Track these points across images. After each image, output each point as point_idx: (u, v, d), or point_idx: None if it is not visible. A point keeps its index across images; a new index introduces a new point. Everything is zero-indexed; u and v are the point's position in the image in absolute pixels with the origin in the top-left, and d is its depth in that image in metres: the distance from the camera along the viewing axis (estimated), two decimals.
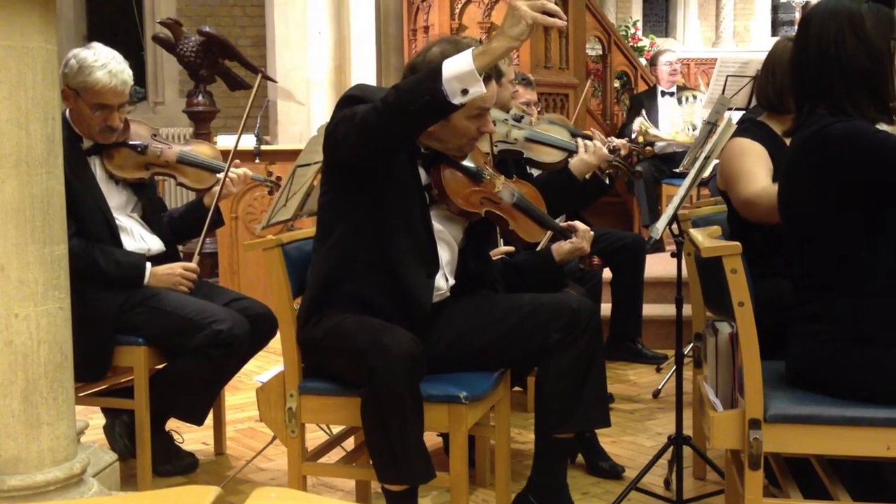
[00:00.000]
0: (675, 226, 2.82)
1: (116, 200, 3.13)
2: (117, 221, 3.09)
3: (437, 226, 2.52)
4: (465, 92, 2.12)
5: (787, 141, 2.47)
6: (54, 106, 2.20)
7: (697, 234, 2.32)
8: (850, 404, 2.12)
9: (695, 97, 6.49)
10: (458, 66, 2.11)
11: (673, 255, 2.78)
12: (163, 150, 3.20)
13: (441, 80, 2.11)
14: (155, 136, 3.25)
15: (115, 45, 3.25)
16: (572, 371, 2.45)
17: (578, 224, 2.76)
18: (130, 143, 3.14)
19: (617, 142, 3.73)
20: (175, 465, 3.17)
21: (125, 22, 7.54)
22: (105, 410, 3.28)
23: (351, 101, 2.34)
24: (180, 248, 3.37)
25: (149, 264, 3.09)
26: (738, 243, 2.11)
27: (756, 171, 2.77)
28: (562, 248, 2.74)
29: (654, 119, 6.74)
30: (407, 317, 2.40)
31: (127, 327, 2.98)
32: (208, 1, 8.84)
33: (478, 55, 2.12)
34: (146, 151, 3.15)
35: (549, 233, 2.81)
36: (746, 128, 2.98)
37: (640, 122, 5.91)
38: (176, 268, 3.11)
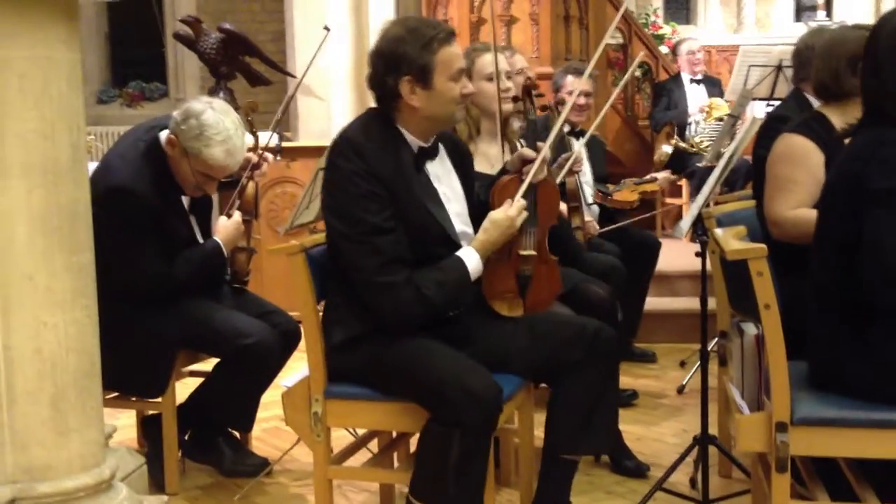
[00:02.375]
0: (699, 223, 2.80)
1: (185, 203, 3.14)
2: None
3: (461, 229, 2.52)
4: None
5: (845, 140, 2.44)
6: (79, 115, 2.22)
7: (722, 235, 2.31)
8: (876, 406, 2.11)
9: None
10: (475, 268, 2.43)
11: (697, 254, 2.76)
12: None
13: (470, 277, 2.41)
14: None
15: (135, 42, 3.24)
16: (587, 393, 2.44)
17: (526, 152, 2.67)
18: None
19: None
20: (245, 465, 3.18)
21: (145, 18, 7.55)
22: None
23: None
24: None
25: (218, 239, 3.09)
26: (763, 246, 2.09)
27: (796, 190, 2.71)
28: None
29: (682, 105, 6.70)
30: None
31: None
32: None
33: (481, 250, 2.44)
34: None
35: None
36: (807, 123, 2.90)
37: (663, 152, 5.97)
38: (234, 224, 3.12)
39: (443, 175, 2.55)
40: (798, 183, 2.79)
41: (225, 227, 3.12)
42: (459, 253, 2.41)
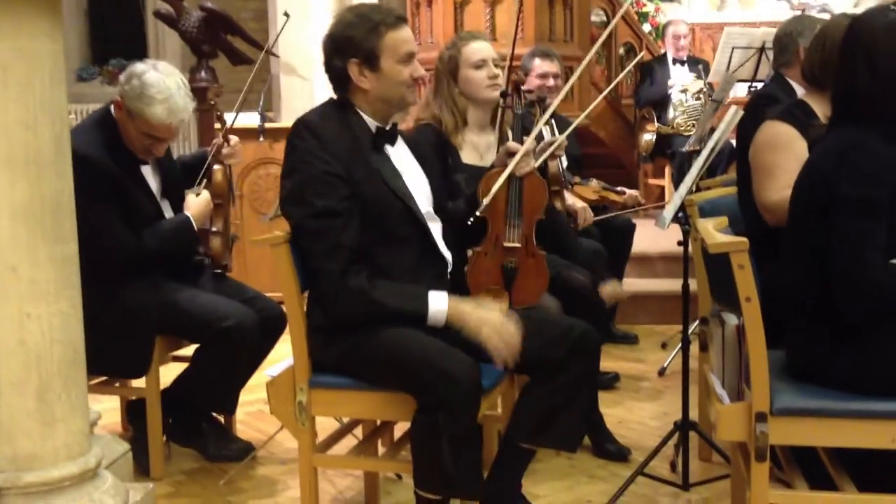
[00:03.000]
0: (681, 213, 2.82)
1: (157, 189, 3.15)
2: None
3: (426, 209, 2.54)
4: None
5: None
6: (62, 107, 2.20)
7: (704, 227, 2.33)
8: (854, 397, 2.15)
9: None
10: (435, 312, 2.37)
11: (679, 243, 2.79)
12: None
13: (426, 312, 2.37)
14: None
15: (115, 20, 3.23)
16: (562, 392, 2.46)
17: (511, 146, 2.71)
18: None
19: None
20: (229, 450, 3.19)
21: None
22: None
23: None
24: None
25: (188, 213, 3.10)
26: (745, 240, 2.11)
27: (784, 177, 2.74)
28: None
29: (665, 85, 6.71)
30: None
31: None
32: None
33: (453, 317, 2.37)
34: None
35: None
36: (789, 110, 2.92)
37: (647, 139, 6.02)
38: (204, 200, 3.13)
39: (405, 160, 2.57)
40: (783, 168, 2.81)
41: (195, 202, 3.12)
42: (431, 293, 2.40)
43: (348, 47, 2.43)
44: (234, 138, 3.26)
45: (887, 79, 2.22)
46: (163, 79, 2.93)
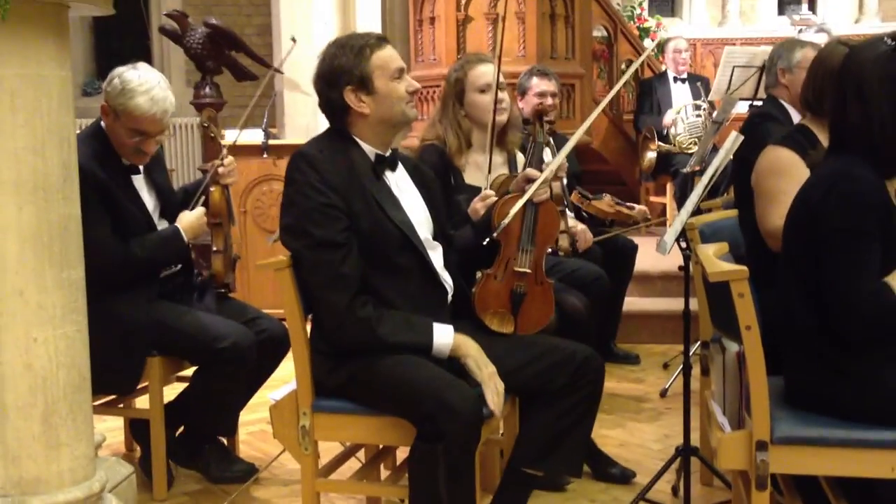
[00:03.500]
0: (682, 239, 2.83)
1: (151, 205, 3.17)
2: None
3: (424, 236, 2.55)
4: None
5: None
6: (70, 132, 2.23)
7: (705, 254, 2.34)
8: (853, 426, 2.16)
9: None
10: (440, 350, 2.40)
11: (680, 268, 2.80)
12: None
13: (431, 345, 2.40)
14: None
15: (120, 35, 3.26)
16: (566, 417, 2.47)
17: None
18: None
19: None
20: (232, 471, 3.20)
21: (131, 11, 7.51)
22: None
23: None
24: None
25: (179, 227, 3.11)
26: (745, 268, 2.13)
27: (787, 201, 2.76)
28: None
29: (665, 104, 6.73)
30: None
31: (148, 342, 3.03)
32: None
33: (457, 353, 2.40)
34: None
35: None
36: (791, 136, 2.95)
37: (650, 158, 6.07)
38: (196, 214, 3.15)
39: (404, 187, 2.58)
40: (787, 193, 2.81)
41: (187, 216, 3.14)
42: (437, 325, 2.42)
43: (340, 77, 2.45)
44: (229, 158, 3.27)
45: (874, 110, 2.23)
46: (142, 74, 2.99)
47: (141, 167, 3.13)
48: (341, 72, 2.45)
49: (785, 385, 2.34)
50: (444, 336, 2.40)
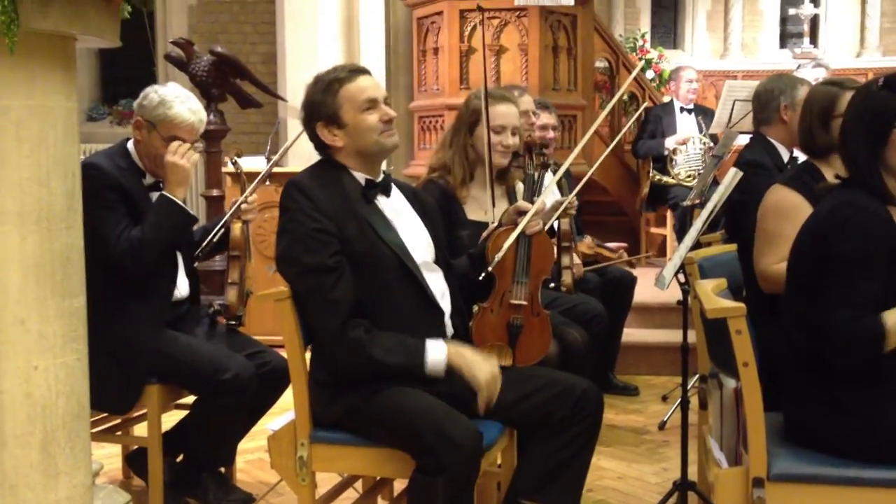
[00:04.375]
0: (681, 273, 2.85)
1: None
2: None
3: (422, 259, 2.56)
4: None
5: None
6: (74, 163, 2.25)
7: (703, 290, 2.35)
8: (850, 464, 2.16)
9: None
10: (435, 368, 2.41)
11: (679, 302, 2.81)
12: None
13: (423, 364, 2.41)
14: None
15: (126, 61, 3.32)
16: (565, 450, 2.49)
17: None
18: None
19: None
20: (229, 500, 3.19)
21: (137, 38, 7.59)
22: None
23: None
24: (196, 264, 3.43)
25: (161, 192, 3.09)
26: (742, 305, 2.14)
27: (784, 245, 2.77)
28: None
29: (669, 133, 6.73)
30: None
31: (149, 370, 3.04)
32: (220, 18, 8.90)
33: (452, 363, 2.41)
34: None
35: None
36: (798, 175, 2.95)
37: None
38: (179, 162, 3.07)
39: (401, 210, 2.61)
40: (785, 237, 2.83)
41: (170, 164, 3.05)
42: (429, 342, 2.43)
43: (312, 112, 2.53)
44: (253, 196, 3.33)
45: (852, 146, 2.30)
46: (176, 87, 3.15)
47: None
48: (313, 108, 2.53)
49: (784, 421, 2.34)
50: (436, 352, 2.41)
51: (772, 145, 3.43)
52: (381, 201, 2.57)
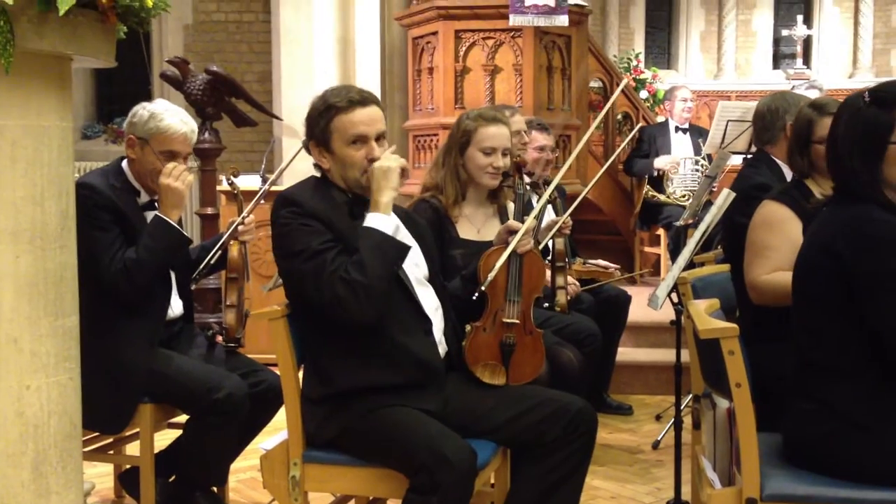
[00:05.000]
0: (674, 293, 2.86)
1: None
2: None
3: (411, 275, 2.57)
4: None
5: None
6: (69, 183, 2.25)
7: (696, 310, 2.36)
8: (845, 484, 2.16)
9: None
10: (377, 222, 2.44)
11: (672, 322, 2.82)
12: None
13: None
14: None
15: (122, 79, 3.35)
16: (558, 469, 2.49)
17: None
18: None
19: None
20: None
21: (133, 57, 7.60)
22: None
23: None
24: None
25: (155, 213, 3.08)
26: (735, 326, 2.15)
27: (772, 256, 2.79)
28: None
29: (664, 153, 6.75)
30: (427, 382, 2.47)
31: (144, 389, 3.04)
32: (215, 37, 8.93)
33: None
34: None
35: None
36: (787, 191, 2.99)
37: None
38: (175, 185, 3.07)
39: (394, 226, 2.60)
40: (774, 249, 2.86)
41: (164, 186, 3.05)
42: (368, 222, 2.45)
43: (308, 128, 2.57)
44: (250, 217, 3.33)
45: (847, 163, 2.29)
46: (164, 102, 3.18)
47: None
48: (310, 125, 2.57)
49: (783, 441, 2.34)
50: (376, 220, 2.44)
51: (776, 164, 3.41)
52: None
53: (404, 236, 2.52)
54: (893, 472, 2.14)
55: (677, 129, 6.85)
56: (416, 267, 2.59)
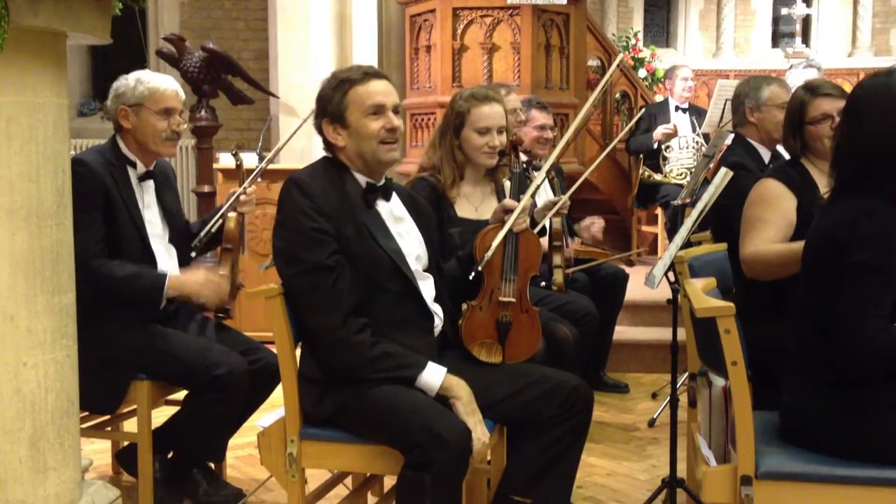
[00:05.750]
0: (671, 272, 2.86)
1: (158, 228, 3.20)
2: (155, 255, 3.15)
3: (416, 267, 2.57)
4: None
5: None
6: (64, 159, 2.25)
7: (693, 289, 2.36)
8: (840, 463, 2.17)
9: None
10: (428, 381, 2.39)
11: (669, 301, 2.82)
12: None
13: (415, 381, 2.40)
14: None
15: (117, 57, 3.37)
16: (555, 446, 2.50)
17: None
18: None
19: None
20: (219, 496, 3.18)
21: (129, 34, 7.55)
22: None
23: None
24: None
25: (168, 278, 3.06)
26: (731, 304, 2.15)
27: (765, 229, 2.80)
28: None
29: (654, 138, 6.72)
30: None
31: (141, 367, 3.04)
32: (212, 14, 8.89)
33: (447, 389, 2.38)
34: None
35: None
36: (783, 169, 3.03)
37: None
38: (204, 278, 3.08)
39: (399, 216, 2.62)
40: (767, 222, 2.89)
41: (187, 276, 3.09)
42: (431, 363, 2.41)
43: (320, 108, 2.54)
44: (251, 188, 3.32)
45: (884, 142, 2.23)
46: (145, 70, 3.22)
47: (153, 189, 3.19)
48: (322, 103, 2.54)
49: (781, 419, 2.35)
50: (433, 374, 2.40)
51: (751, 146, 3.50)
52: (381, 206, 2.57)
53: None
54: (885, 450, 2.16)
55: (677, 108, 6.83)
56: (417, 260, 2.59)
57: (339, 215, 2.45)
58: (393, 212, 2.60)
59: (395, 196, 2.62)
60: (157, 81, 3.13)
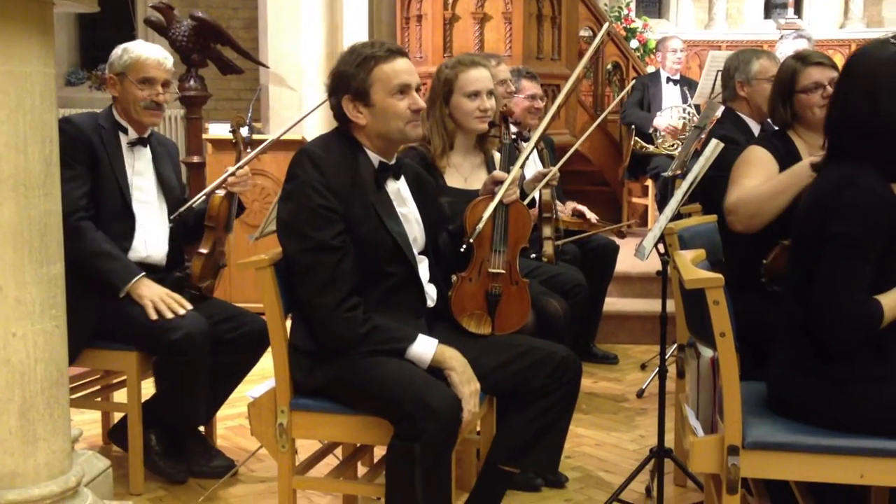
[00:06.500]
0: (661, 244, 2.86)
1: (151, 196, 3.21)
2: (137, 218, 3.14)
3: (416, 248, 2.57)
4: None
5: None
6: (52, 129, 2.23)
7: (682, 260, 2.37)
8: (826, 433, 2.19)
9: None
10: (419, 352, 2.39)
11: (659, 273, 2.83)
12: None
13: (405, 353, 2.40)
14: None
15: (106, 26, 3.36)
16: (544, 416, 2.51)
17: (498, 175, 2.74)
18: None
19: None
20: (210, 466, 3.21)
21: (116, 2, 7.48)
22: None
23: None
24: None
25: (142, 277, 3.04)
26: (720, 276, 2.15)
27: (746, 180, 2.83)
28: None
29: (655, 104, 6.72)
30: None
31: (104, 332, 3.04)
32: None
33: (441, 361, 2.38)
34: None
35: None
36: (768, 138, 3.08)
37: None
38: (159, 292, 3.04)
39: (405, 197, 2.61)
40: (747, 177, 2.94)
41: (150, 286, 3.04)
42: (421, 335, 2.42)
43: (340, 84, 2.47)
44: (244, 169, 3.29)
45: (886, 114, 2.22)
46: (135, 41, 3.30)
47: (148, 158, 3.22)
48: (343, 79, 2.47)
49: (768, 389, 2.37)
50: (424, 346, 2.40)
51: (741, 119, 3.51)
52: (390, 186, 2.55)
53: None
54: (867, 421, 2.18)
55: (668, 79, 6.81)
56: (414, 243, 2.58)
57: (350, 194, 2.43)
58: (400, 192, 2.58)
59: (402, 176, 2.61)
60: (140, 50, 3.18)
